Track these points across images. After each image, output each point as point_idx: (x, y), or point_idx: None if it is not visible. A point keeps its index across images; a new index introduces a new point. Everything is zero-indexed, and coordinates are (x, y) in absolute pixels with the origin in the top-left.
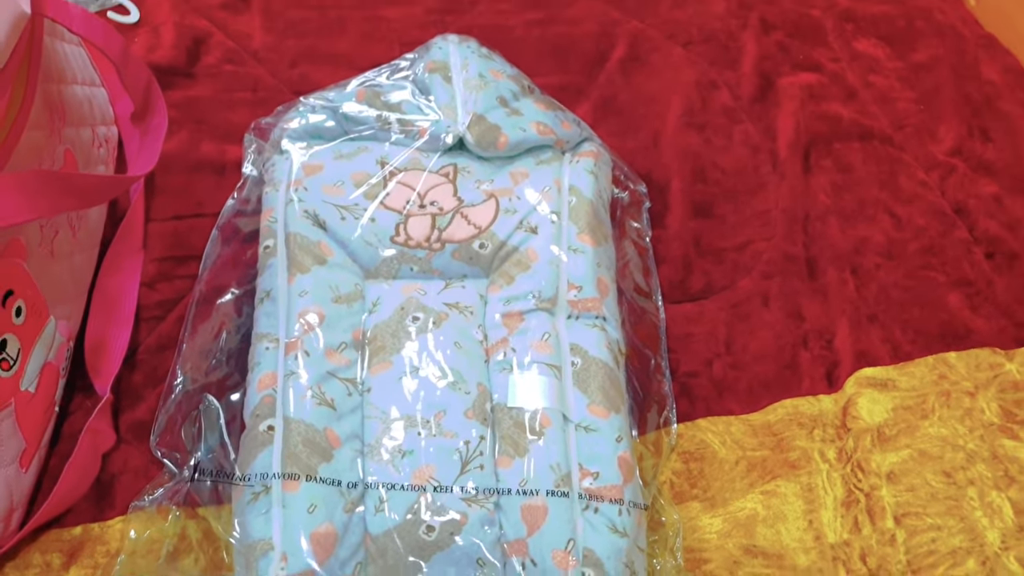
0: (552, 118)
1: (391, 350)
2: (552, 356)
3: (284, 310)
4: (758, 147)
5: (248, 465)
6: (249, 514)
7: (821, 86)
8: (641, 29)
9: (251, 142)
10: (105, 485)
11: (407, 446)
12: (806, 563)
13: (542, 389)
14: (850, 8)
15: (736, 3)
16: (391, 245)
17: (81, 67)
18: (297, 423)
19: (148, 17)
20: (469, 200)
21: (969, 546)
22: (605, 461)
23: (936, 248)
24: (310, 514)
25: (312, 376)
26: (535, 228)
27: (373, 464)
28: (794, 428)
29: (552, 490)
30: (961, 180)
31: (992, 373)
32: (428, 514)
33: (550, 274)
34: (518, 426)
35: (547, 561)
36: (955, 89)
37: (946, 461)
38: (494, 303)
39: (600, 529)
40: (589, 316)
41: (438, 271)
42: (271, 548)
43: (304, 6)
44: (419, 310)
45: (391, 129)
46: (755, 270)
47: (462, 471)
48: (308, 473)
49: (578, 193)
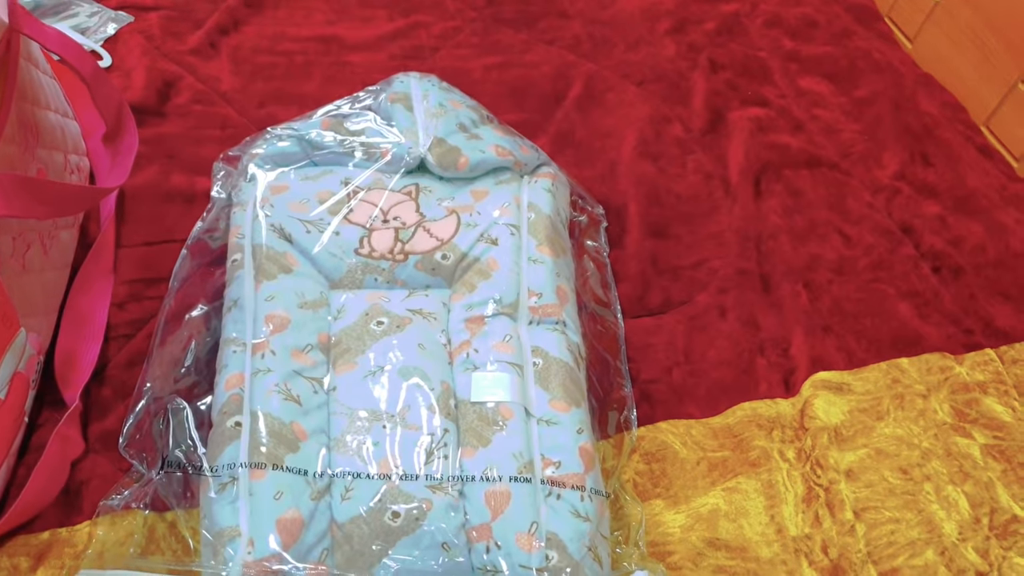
0: (511, 142)
1: (356, 352)
2: (514, 356)
3: (251, 315)
4: (710, 174)
5: (216, 459)
6: (217, 504)
7: (769, 119)
8: (596, 71)
9: (220, 169)
10: (73, 492)
11: (373, 438)
12: (769, 555)
13: (503, 384)
14: (794, 50)
15: (686, 46)
16: (355, 256)
17: (54, 96)
18: (264, 416)
19: (120, 63)
20: (431, 215)
21: (927, 537)
22: (566, 451)
23: (885, 263)
24: (276, 501)
25: (279, 373)
26: (495, 240)
27: (339, 456)
28: (753, 429)
29: (515, 476)
30: (906, 201)
31: (943, 376)
32: (394, 501)
33: (511, 281)
34: (481, 419)
35: (511, 544)
36: (896, 120)
37: (902, 459)
38: (457, 310)
39: (563, 514)
40: (550, 321)
41: (402, 281)
42: (238, 534)
43: (272, 52)
44: (383, 315)
45: (354, 152)
46: (711, 285)
47: (427, 461)
48: (274, 462)
49: (536, 209)
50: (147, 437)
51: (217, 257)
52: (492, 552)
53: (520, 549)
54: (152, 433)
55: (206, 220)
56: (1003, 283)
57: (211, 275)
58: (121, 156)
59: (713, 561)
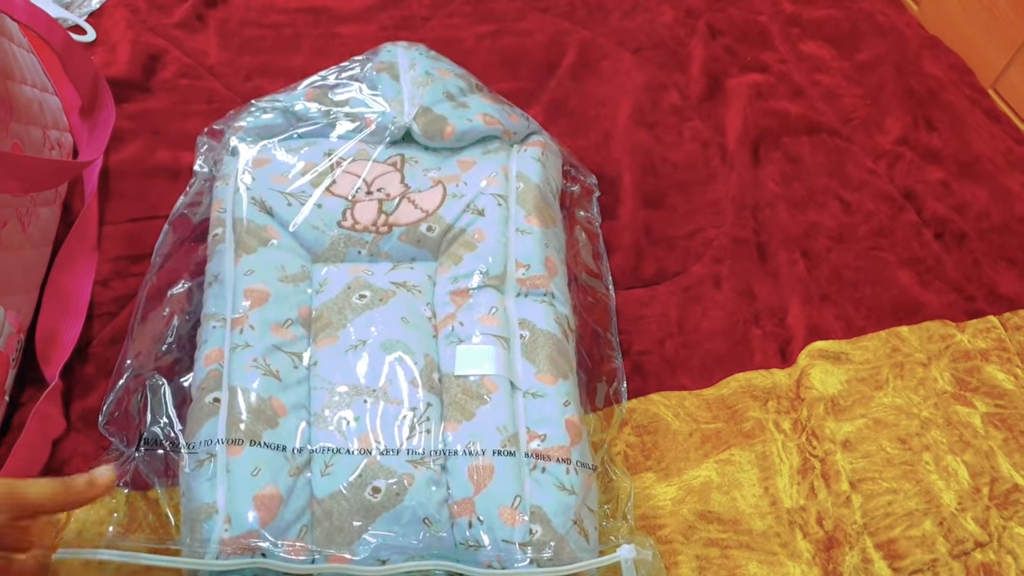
0: (499, 111)
1: (337, 326)
2: (499, 328)
3: (231, 290)
4: (707, 142)
5: (194, 435)
6: (194, 480)
7: (769, 85)
8: (591, 38)
9: (203, 143)
10: (55, 471)
11: (354, 413)
12: (762, 527)
13: (488, 357)
14: (795, 13)
15: (684, 12)
16: (338, 229)
17: (31, 70)
18: (243, 392)
19: (105, 37)
20: (416, 187)
21: (925, 508)
22: (552, 424)
23: (886, 230)
24: (253, 477)
25: (258, 348)
26: (482, 210)
27: (319, 432)
28: (747, 400)
29: (498, 450)
30: (908, 167)
31: (944, 344)
32: (374, 476)
33: (497, 253)
34: (465, 392)
35: (494, 518)
36: (899, 84)
37: (901, 428)
38: (443, 282)
39: (547, 487)
40: (538, 293)
41: (386, 254)
42: (215, 511)
43: (260, 25)
44: (366, 288)
45: (337, 123)
46: (706, 255)
47: (408, 436)
48: (252, 438)
49: (525, 179)
50: (127, 415)
51: (199, 232)
52: (475, 527)
53: (503, 523)
54: (131, 410)
55: (188, 194)
56: (1007, 248)
57: (194, 250)
58: (98, 130)
59: (704, 534)
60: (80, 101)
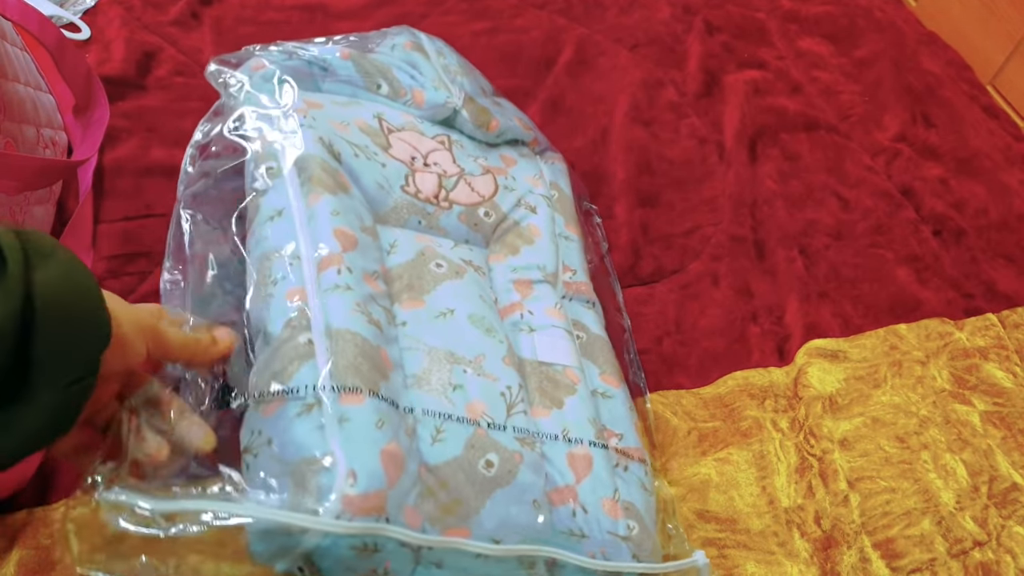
0: (527, 120)
1: (420, 290)
2: (566, 323)
3: (308, 226)
4: (704, 139)
5: (289, 376)
6: (297, 428)
7: (766, 82)
8: (588, 35)
9: (221, 72)
10: (48, 471)
11: (456, 380)
12: (760, 527)
13: (568, 348)
14: (793, 9)
15: (681, 8)
16: (401, 193)
17: (24, 68)
18: (352, 335)
19: (99, 35)
20: (469, 170)
21: (924, 507)
22: (625, 425)
23: (884, 227)
24: (378, 430)
25: (358, 293)
26: (534, 208)
27: (423, 394)
28: (745, 399)
29: (594, 441)
30: (906, 164)
31: (942, 342)
32: (485, 449)
33: (552, 251)
34: (551, 380)
35: (598, 509)
36: (897, 81)
37: (899, 427)
38: (501, 271)
39: (634, 485)
40: (582, 298)
41: (444, 230)
42: (334, 464)
43: (255, 22)
44: (440, 259)
45: (380, 91)
46: (704, 253)
47: (508, 413)
48: (372, 388)
49: (559, 188)
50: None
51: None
52: (578, 516)
53: (607, 515)
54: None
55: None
56: (1006, 246)
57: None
58: (92, 128)
59: (702, 534)
60: (74, 99)
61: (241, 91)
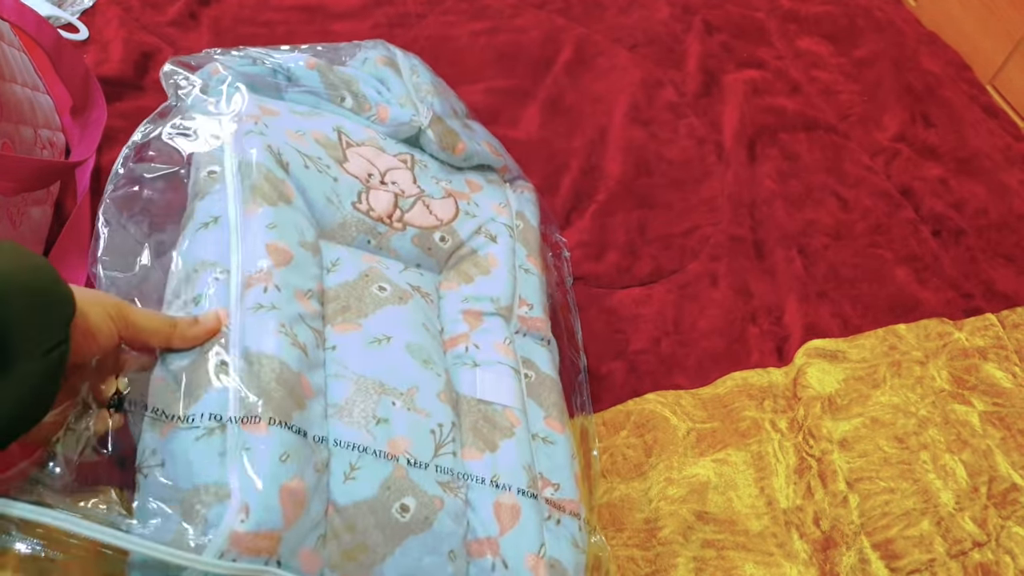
0: (499, 145)
1: (358, 313)
2: (514, 361)
3: (241, 240)
4: (703, 139)
5: (195, 400)
6: (194, 453)
7: (765, 81)
8: (587, 35)
9: (174, 73)
10: None
11: (382, 413)
12: (759, 528)
13: (511, 387)
14: (793, 9)
15: (680, 8)
16: (352, 210)
17: (22, 69)
18: (268, 359)
19: (97, 35)
20: (429, 191)
21: (923, 507)
22: (564, 474)
23: (883, 227)
24: (282, 463)
25: (284, 313)
26: (494, 237)
27: (342, 425)
28: (744, 399)
29: (524, 490)
30: (906, 164)
31: (942, 342)
32: (402, 492)
33: (508, 283)
34: (487, 421)
35: (520, 564)
36: (896, 80)
37: (898, 427)
38: (451, 299)
39: (563, 541)
40: (536, 335)
41: (395, 252)
42: (227, 496)
43: (254, 23)
44: (385, 282)
45: (343, 104)
46: (703, 253)
47: (435, 453)
48: (282, 418)
49: (524, 219)
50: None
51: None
52: (498, 570)
53: (529, 571)
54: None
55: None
56: (1005, 245)
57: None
58: (90, 129)
59: (701, 535)
60: (71, 100)
61: (190, 94)
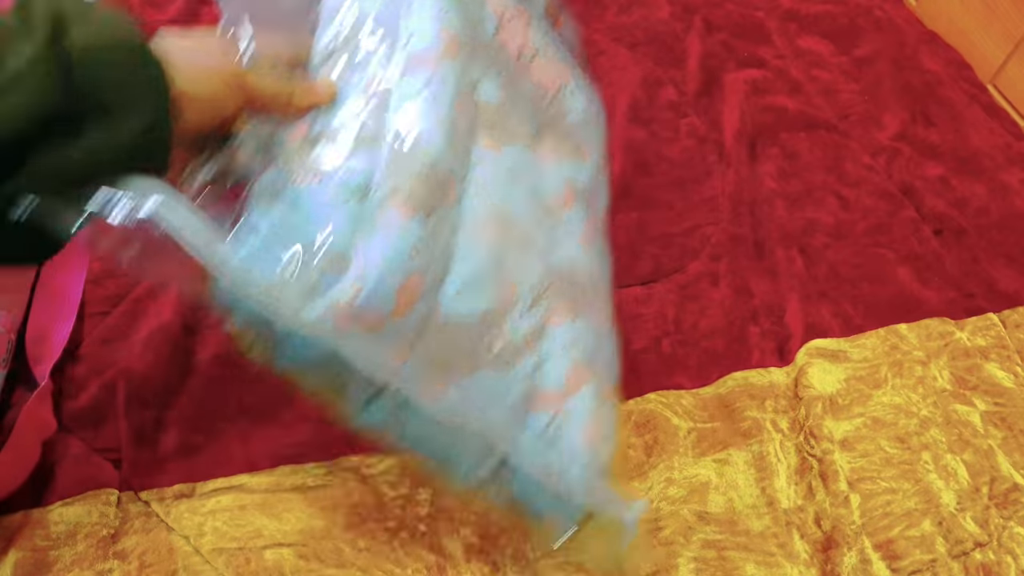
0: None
1: (500, 138)
2: (594, 247)
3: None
4: (704, 138)
5: (344, 155)
6: (331, 211)
7: (766, 81)
8: (587, 34)
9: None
10: (45, 472)
11: (502, 249)
12: (759, 528)
13: (597, 266)
14: (793, 8)
15: (680, 7)
16: (492, 38)
17: None
18: (424, 153)
19: None
20: (542, 52)
21: (924, 508)
22: (612, 367)
23: (884, 227)
24: (411, 257)
25: (445, 106)
26: (587, 124)
27: (465, 250)
28: (745, 399)
29: (590, 364)
30: (907, 163)
31: (943, 342)
32: (496, 327)
33: (594, 176)
34: (577, 289)
35: (576, 429)
36: (897, 80)
37: (900, 427)
38: (552, 164)
39: (607, 421)
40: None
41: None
42: (346, 265)
43: None
44: (517, 118)
45: None
46: (703, 253)
47: (532, 305)
48: (425, 211)
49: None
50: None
51: None
52: (552, 426)
53: (581, 433)
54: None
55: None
56: (1007, 245)
57: None
58: None
59: (702, 535)
60: None
61: None
